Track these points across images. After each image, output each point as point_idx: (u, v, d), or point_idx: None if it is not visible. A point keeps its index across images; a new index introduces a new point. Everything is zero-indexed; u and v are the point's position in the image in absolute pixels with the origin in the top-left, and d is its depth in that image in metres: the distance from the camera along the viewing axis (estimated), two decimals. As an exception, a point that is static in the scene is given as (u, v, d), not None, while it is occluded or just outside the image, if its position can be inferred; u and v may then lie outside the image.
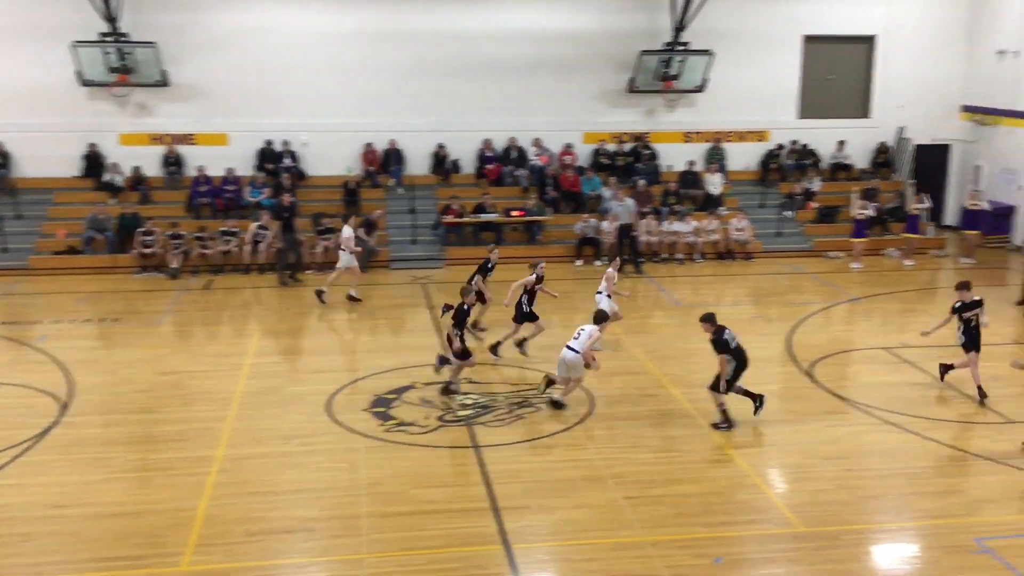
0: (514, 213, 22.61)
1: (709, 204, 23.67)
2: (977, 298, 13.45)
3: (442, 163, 24.17)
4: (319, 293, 18.64)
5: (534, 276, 15.32)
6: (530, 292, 15.26)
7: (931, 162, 25.45)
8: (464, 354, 13.40)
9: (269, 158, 23.68)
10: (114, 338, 16.68)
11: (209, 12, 23.18)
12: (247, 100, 23.49)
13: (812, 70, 25.16)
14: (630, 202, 22.11)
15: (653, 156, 24.52)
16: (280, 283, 20.26)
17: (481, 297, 16.34)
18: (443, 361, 13.69)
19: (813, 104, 25.32)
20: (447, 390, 13.45)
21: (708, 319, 12.21)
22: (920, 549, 9.59)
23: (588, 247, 22.26)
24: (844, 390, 13.77)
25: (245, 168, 23.55)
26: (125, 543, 9.45)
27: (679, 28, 23.48)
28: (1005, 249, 23.45)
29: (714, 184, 24.02)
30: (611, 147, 24.60)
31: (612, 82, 24.36)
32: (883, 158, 25.39)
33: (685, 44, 23.71)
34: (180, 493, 10.47)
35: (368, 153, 24.06)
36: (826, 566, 9.10)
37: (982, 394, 13.22)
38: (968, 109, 25.18)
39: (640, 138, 24.64)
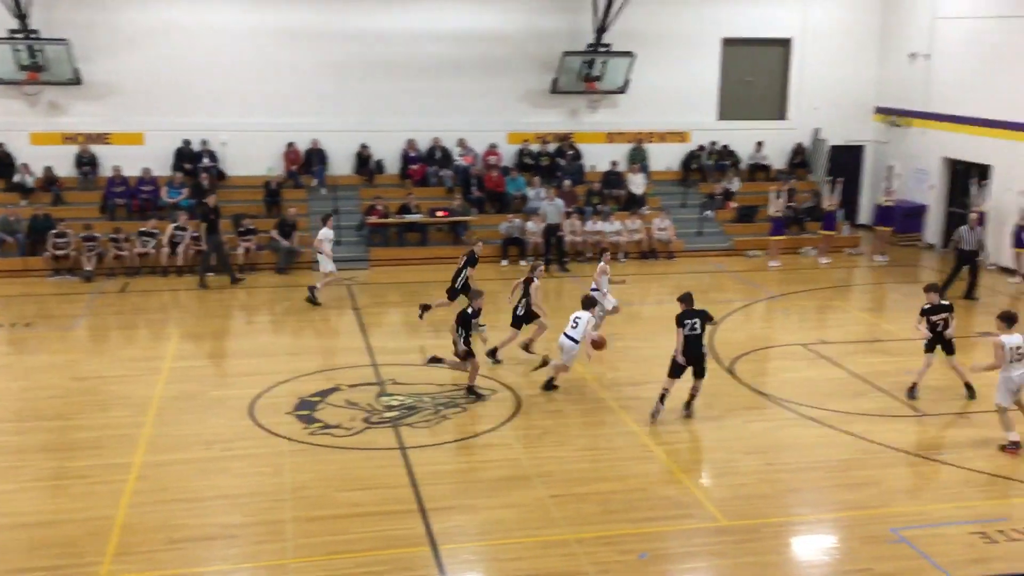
0: (439, 213, 22.55)
1: (632, 204, 23.94)
2: (946, 303, 13.59)
3: (366, 163, 23.98)
4: (315, 296, 18.35)
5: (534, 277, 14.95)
6: (528, 296, 14.90)
7: (845, 162, 26.12)
8: (468, 355, 13.34)
9: (187, 158, 23.20)
10: (26, 343, 16.15)
11: (123, 9, 22.59)
12: (164, 98, 22.95)
13: (731, 72, 25.62)
14: (560, 202, 22.26)
15: (577, 156, 24.70)
16: (200, 285, 19.86)
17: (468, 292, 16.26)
18: (434, 360, 13.67)
19: (732, 106, 25.79)
20: (471, 391, 13.36)
21: (682, 299, 12.75)
22: (838, 540, 9.83)
23: (513, 247, 22.32)
24: (764, 386, 14.06)
25: (162, 168, 23.02)
26: (41, 554, 9.16)
27: (601, 30, 23.68)
28: (916, 247, 24.19)
29: (637, 184, 24.29)
30: (535, 147, 24.70)
31: (536, 83, 24.47)
32: (800, 159, 25.97)
33: (607, 46, 23.93)
34: (97, 501, 10.19)
35: (290, 153, 23.74)
36: (748, 559, 9.28)
37: (912, 393, 13.51)
38: (881, 111, 25.91)
39: (564, 138, 24.80)
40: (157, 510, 10.03)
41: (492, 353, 14.93)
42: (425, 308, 16.73)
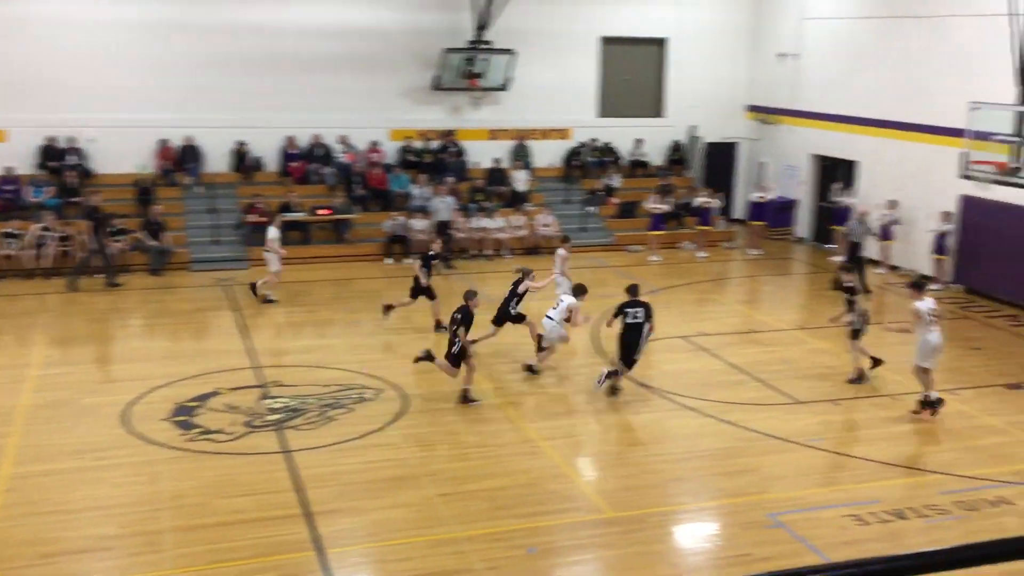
0: (321, 212, 22.18)
1: (516, 200, 24.06)
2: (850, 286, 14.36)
3: (243, 160, 23.40)
4: (257, 292, 18.09)
5: (528, 280, 14.96)
6: (519, 295, 14.87)
7: (720, 159, 26.86)
8: (463, 357, 13.01)
9: (52, 156, 22.15)
10: None
11: (-20, -2, 21.45)
12: (26, 94, 21.84)
13: (610, 71, 26.03)
14: (450, 199, 22.19)
15: (460, 153, 24.68)
16: (69, 287, 19.01)
17: (430, 293, 16.30)
18: (426, 357, 13.33)
19: (612, 104, 26.20)
20: (465, 398, 13.01)
21: (628, 289, 13.79)
22: (719, 527, 10.10)
23: (397, 245, 22.14)
24: (647, 378, 14.31)
25: (26, 167, 21.94)
26: None
27: (481, 27, 23.72)
28: (788, 240, 25.07)
29: (520, 181, 24.43)
30: (418, 144, 24.56)
31: (417, 79, 24.33)
32: (677, 155, 26.58)
33: (488, 43, 23.98)
34: (-42, 519, 9.64)
35: (163, 150, 22.95)
36: (633, 548, 9.43)
37: (858, 379, 14.04)
38: (753, 109, 26.74)
39: (447, 135, 24.74)
40: (27, 523, 9.55)
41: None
42: (389, 308, 16.69)
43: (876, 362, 14.07)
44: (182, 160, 22.99)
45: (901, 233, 21.13)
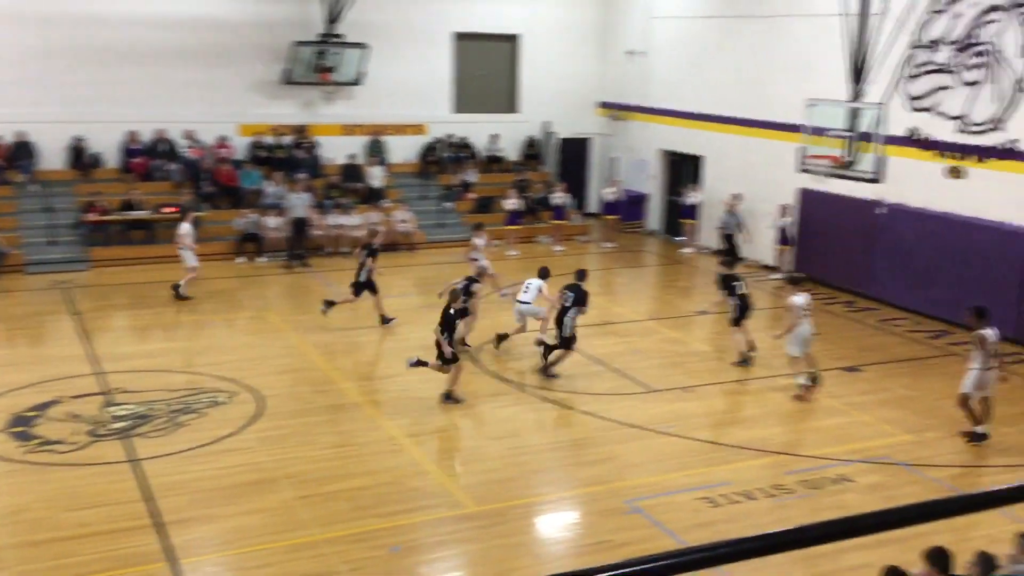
0: (166, 210, 21.32)
1: (372, 197, 23.78)
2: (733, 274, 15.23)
3: (80, 157, 22.26)
4: (177, 292, 17.73)
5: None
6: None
7: (574, 154, 27.30)
8: (453, 358, 12.68)
9: None
10: None
11: None
12: None
13: (464, 66, 26.05)
14: (305, 195, 21.71)
15: (313, 149, 24.21)
16: None
17: (372, 288, 16.11)
18: (418, 363, 13.03)
19: (466, 99, 26.23)
20: (449, 397, 12.72)
21: (576, 273, 14.86)
22: (579, 515, 10.28)
23: (250, 243, 21.54)
24: (507, 372, 14.41)
25: None
26: None
27: (332, 20, 23.31)
28: (640, 233, 25.71)
29: (376, 177, 24.17)
30: (269, 140, 23.96)
31: (268, 73, 23.71)
32: (532, 151, 26.87)
33: (339, 36, 23.59)
34: None
35: (-7, 146, 21.60)
36: (496, 542, 9.48)
37: (744, 358, 14.82)
38: (604, 105, 27.29)
39: (299, 131, 24.22)
40: None
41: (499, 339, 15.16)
42: (330, 304, 16.29)
43: (751, 347, 14.81)
44: (14, 157, 21.66)
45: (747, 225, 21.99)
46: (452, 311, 12.97)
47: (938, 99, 17.57)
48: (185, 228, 18.12)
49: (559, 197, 24.12)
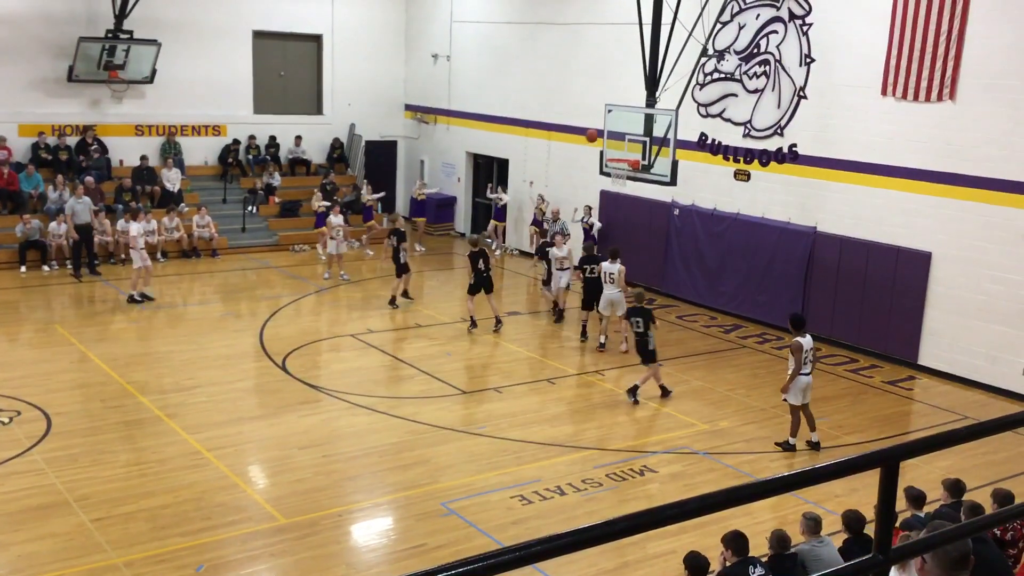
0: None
1: (168, 200, 22.72)
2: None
3: None
4: (132, 298, 17.33)
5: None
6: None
7: (381, 157, 27.10)
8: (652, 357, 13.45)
9: None
10: None
11: None
12: None
13: (264, 66, 25.32)
14: (88, 199, 20.38)
15: (102, 150, 22.88)
16: None
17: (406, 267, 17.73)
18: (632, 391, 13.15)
19: (268, 100, 25.50)
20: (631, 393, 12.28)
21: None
22: (394, 520, 10.19)
23: (33, 251, 20.09)
24: (316, 379, 14.13)
25: None
26: None
27: (121, 15, 22.11)
28: (450, 236, 25.83)
29: (171, 180, 23.11)
30: (52, 140, 22.45)
31: (50, 70, 22.19)
32: (338, 153, 26.46)
33: (129, 32, 22.39)
34: None
35: None
36: (309, 553, 9.26)
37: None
38: (410, 108, 27.24)
39: (86, 131, 22.82)
40: None
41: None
42: (394, 301, 17.65)
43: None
44: None
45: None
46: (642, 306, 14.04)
47: (726, 105, 18.60)
48: (136, 228, 17.50)
49: (369, 198, 23.88)
